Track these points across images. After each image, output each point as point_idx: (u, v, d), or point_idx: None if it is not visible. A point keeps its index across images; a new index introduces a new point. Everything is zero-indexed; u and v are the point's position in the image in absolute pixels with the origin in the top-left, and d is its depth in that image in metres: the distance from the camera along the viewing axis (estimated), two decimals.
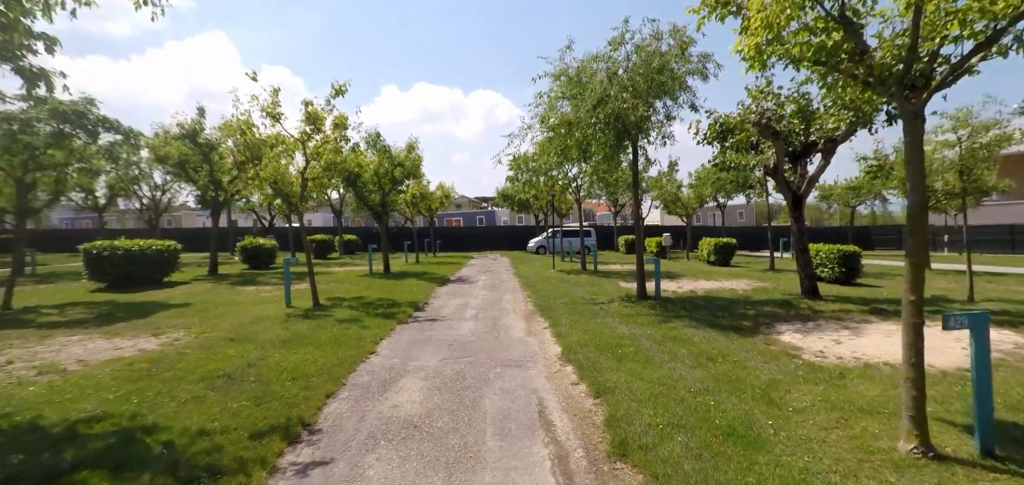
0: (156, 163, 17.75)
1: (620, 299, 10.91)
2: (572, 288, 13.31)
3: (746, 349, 6.59)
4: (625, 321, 8.54)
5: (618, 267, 20.77)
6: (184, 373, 5.61)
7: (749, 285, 13.74)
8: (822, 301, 10.24)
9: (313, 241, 27.04)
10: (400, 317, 9.28)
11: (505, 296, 12.28)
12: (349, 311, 9.85)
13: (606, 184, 19.44)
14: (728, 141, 11.13)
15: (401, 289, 13.39)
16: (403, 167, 16.87)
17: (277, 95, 9.67)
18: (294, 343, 7.12)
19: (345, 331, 7.95)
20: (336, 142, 10.71)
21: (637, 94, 9.15)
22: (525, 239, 37.01)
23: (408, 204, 24.35)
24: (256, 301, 11.21)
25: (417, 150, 17.22)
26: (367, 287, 13.87)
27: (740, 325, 8.28)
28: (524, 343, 7.29)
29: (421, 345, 7.25)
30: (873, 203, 31.52)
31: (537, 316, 9.43)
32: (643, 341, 7.02)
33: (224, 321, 8.82)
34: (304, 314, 9.53)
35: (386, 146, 16.49)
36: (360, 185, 17.08)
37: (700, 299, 11.10)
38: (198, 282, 14.96)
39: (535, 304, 10.75)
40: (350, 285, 14.35)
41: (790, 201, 10.48)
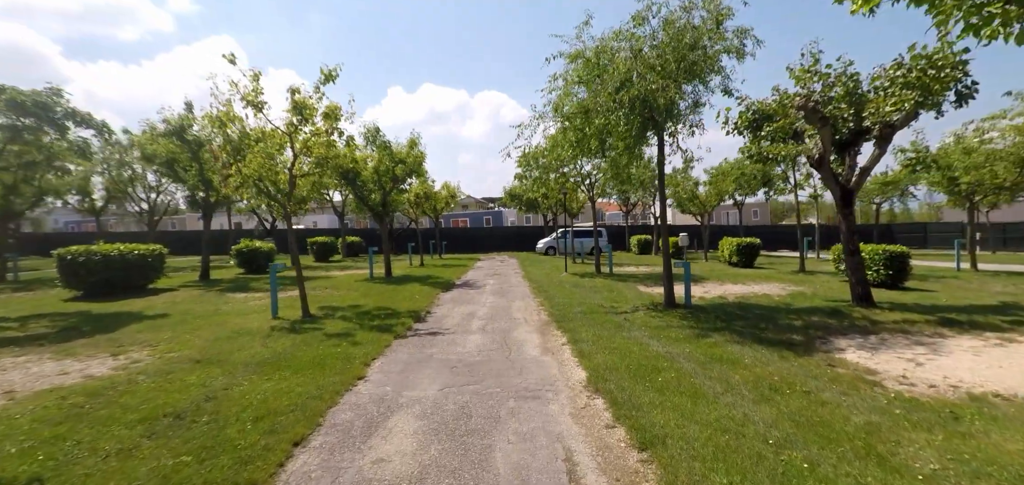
0: (143, 162, 16.82)
1: (645, 308, 9.74)
2: (588, 294, 12.16)
3: (811, 373, 5.41)
4: (656, 335, 7.39)
5: (633, 269, 19.58)
6: (124, 411, 4.55)
7: (783, 289, 12.51)
8: (877, 309, 9.01)
9: (315, 243, 26.11)
10: (398, 330, 8.20)
11: (515, 303, 11.16)
12: (341, 323, 8.79)
13: (621, 181, 18.26)
14: (764, 130, 9.91)
15: (402, 296, 12.32)
16: (405, 164, 15.81)
17: (259, 81, 8.63)
18: (271, 366, 6.05)
19: (333, 349, 6.88)
20: (327, 135, 9.66)
21: (666, 74, 7.99)
22: (533, 240, 35.88)
23: (411, 204, 23.30)
24: (241, 311, 10.18)
25: (420, 146, 16.16)
26: (365, 293, 12.81)
27: (790, 339, 7.10)
28: (540, 364, 6.17)
29: (419, 367, 6.15)
30: (896, 200, 29.99)
31: (553, 328, 8.30)
32: (684, 363, 5.86)
33: (199, 336, 7.78)
34: (290, 327, 8.48)
35: (386, 142, 15.46)
36: (359, 184, 16.04)
37: (734, 307, 9.90)
38: (187, 288, 14.00)
39: (549, 313, 9.62)
40: (347, 291, 13.31)
41: (838, 196, 9.25)
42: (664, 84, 7.81)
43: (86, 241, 25.01)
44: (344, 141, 10.22)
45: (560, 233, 30.87)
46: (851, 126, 9.17)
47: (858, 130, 9.17)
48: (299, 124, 9.25)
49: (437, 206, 28.67)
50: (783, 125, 9.47)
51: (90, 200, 27.70)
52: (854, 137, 9.38)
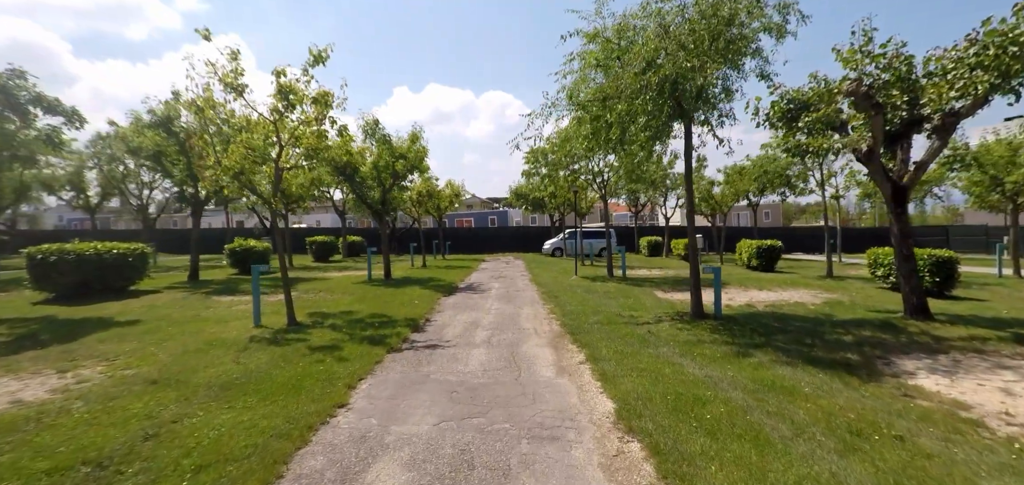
0: (129, 155, 15.97)
1: (670, 318, 8.73)
2: (603, 300, 11.16)
3: (891, 408, 4.40)
4: (688, 353, 6.38)
5: (647, 272, 18.54)
6: (34, 455, 3.61)
7: (815, 297, 11.45)
8: (935, 322, 7.96)
9: (314, 243, 25.24)
10: (392, 342, 7.24)
11: (523, 310, 10.18)
12: (330, 333, 7.84)
13: (635, 179, 17.25)
14: (802, 120, 8.87)
15: (400, 300, 11.37)
16: (406, 160, 14.87)
17: (238, 60, 7.69)
18: (237, 389, 5.10)
19: (314, 366, 5.93)
20: (318, 123, 8.73)
21: (700, 52, 6.98)
22: (539, 240, 34.89)
23: (413, 202, 22.38)
24: (223, 317, 9.26)
25: (422, 141, 15.22)
26: (361, 298, 11.88)
27: (846, 359, 6.09)
28: (557, 389, 5.19)
29: (413, 391, 5.19)
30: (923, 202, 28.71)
31: (567, 341, 7.32)
32: (731, 392, 4.86)
33: (166, 348, 6.86)
34: (272, 337, 7.54)
35: (386, 136, 14.53)
36: (358, 180, 15.12)
37: (768, 317, 8.88)
38: (172, 290, 13.12)
39: (562, 323, 8.63)
40: (342, 295, 12.38)
41: (889, 194, 8.21)
42: (699, 63, 6.80)
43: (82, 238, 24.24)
44: (337, 131, 9.27)
45: (567, 234, 29.87)
46: (904, 115, 8.12)
47: (911, 120, 8.12)
48: (285, 111, 8.31)
49: (441, 205, 27.74)
50: (824, 115, 8.42)
51: (85, 196, 27.05)
52: (906, 128, 8.33)
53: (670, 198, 29.87)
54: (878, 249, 12.90)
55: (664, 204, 30.20)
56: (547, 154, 16.18)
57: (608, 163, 16.23)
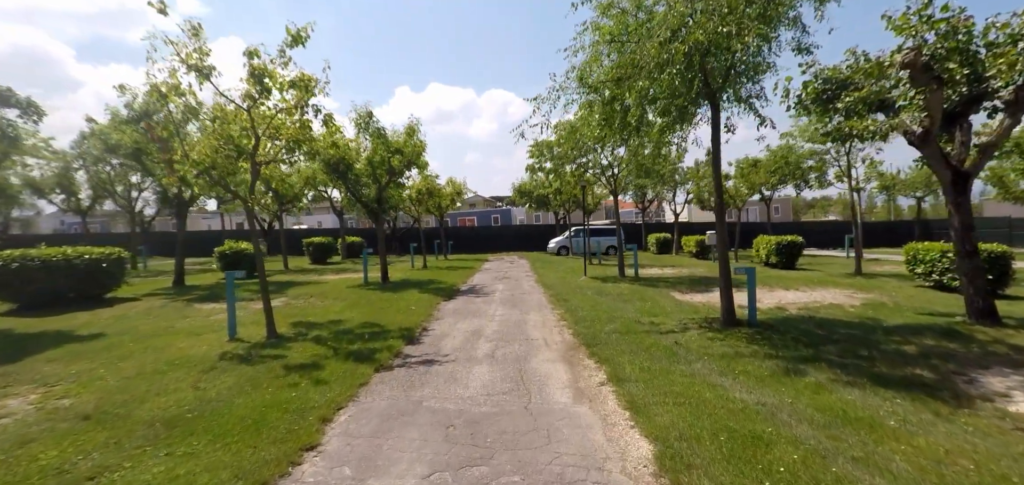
0: (107, 153, 15.09)
1: (698, 325, 7.74)
2: (617, 303, 10.19)
3: (1014, 451, 3.42)
4: (728, 370, 5.41)
5: (658, 271, 17.54)
6: None
7: (850, 297, 10.43)
8: (1007, 328, 6.94)
9: (311, 244, 24.35)
10: (382, 358, 6.30)
11: (530, 316, 9.22)
12: (312, 348, 6.90)
13: (645, 173, 16.25)
14: (842, 100, 7.85)
15: (396, 306, 10.43)
16: (402, 155, 13.92)
17: (201, 37, 6.75)
18: (185, 426, 4.17)
19: (285, 392, 5.00)
20: (300, 111, 7.79)
21: (737, 18, 5.98)
22: (544, 239, 33.90)
23: (413, 201, 21.44)
24: (197, 329, 8.35)
25: (419, 135, 14.26)
26: (353, 304, 10.95)
27: (918, 377, 5.10)
28: (576, 421, 4.23)
29: (401, 425, 4.25)
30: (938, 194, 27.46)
31: (583, 355, 6.35)
32: (795, 426, 3.89)
33: (120, 369, 5.95)
34: (246, 353, 6.62)
35: (380, 129, 13.58)
36: (352, 178, 14.19)
37: (808, 323, 7.88)
38: (153, 297, 12.24)
39: (575, 331, 7.67)
40: (334, 301, 11.46)
41: (948, 181, 7.18)
42: (736, 28, 5.80)
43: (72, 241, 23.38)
44: (321, 120, 8.33)
45: (573, 232, 28.89)
46: (964, 91, 7.10)
47: (972, 96, 7.10)
48: (260, 97, 7.37)
49: (442, 204, 26.82)
50: (869, 93, 7.39)
51: (76, 199, 26.26)
52: (965, 106, 7.31)
53: (679, 193, 28.84)
54: (916, 244, 11.86)
55: (673, 200, 29.17)
56: (552, 148, 15.22)
57: (617, 157, 15.24)
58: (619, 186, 15.68)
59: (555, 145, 14.96)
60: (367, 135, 13.62)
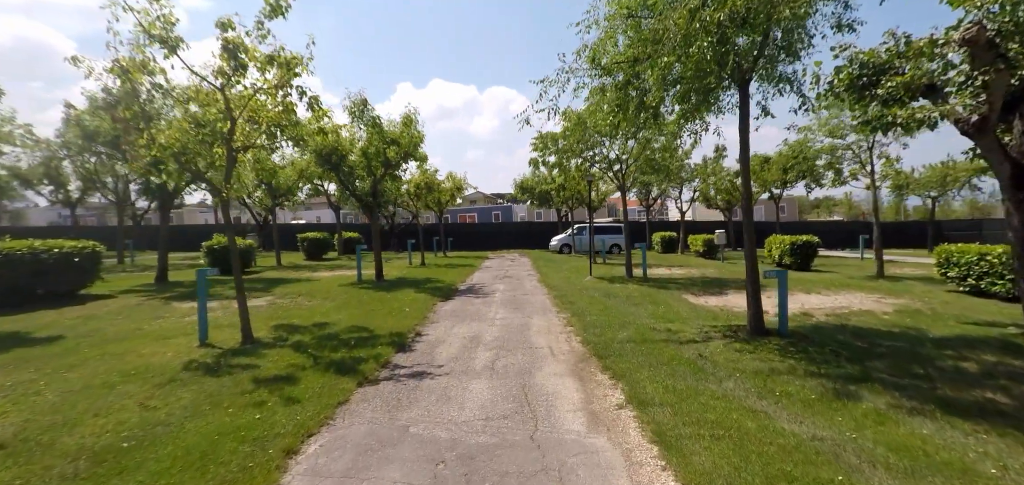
0: (87, 140, 14.31)
1: (720, 334, 6.97)
2: (627, 307, 9.42)
3: None
4: (767, 392, 4.64)
5: (666, 271, 16.77)
6: None
7: (879, 303, 9.66)
8: None
9: (305, 240, 23.58)
10: (366, 369, 5.55)
11: (534, 320, 8.46)
12: (290, 355, 6.15)
13: (654, 169, 15.46)
14: (883, 85, 7.05)
15: (389, 307, 9.68)
16: (398, 146, 13.13)
17: (166, 4, 5.95)
18: (115, 461, 3.42)
19: (248, 414, 4.24)
20: (282, 91, 7.01)
21: None
22: (546, 237, 33.12)
23: (411, 196, 20.67)
24: (167, 332, 7.60)
25: (417, 125, 13.46)
26: (343, 304, 10.19)
27: (991, 401, 4.34)
28: (592, 458, 3.47)
29: (380, 462, 3.49)
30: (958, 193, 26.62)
31: (595, 368, 5.60)
32: (874, 477, 3.12)
33: (66, 381, 5.19)
34: (214, 362, 5.87)
35: (375, 119, 12.80)
36: (345, 170, 13.42)
37: (841, 331, 7.11)
38: (130, 294, 11.49)
39: (584, 339, 6.91)
40: (322, 300, 10.70)
41: (1007, 175, 6.36)
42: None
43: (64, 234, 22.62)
44: (306, 104, 7.54)
45: (576, 229, 28.10)
46: None
47: None
48: (234, 74, 6.59)
49: (441, 199, 26.05)
50: (912, 78, 6.59)
51: (65, 190, 25.55)
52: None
53: (685, 191, 28.04)
54: (949, 246, 11.09)
55: (679, 197, 28.38)
56: (557, 140, 14.43)
57: (626, 150, 14.44)
58: (627, 181, 14.88)
59: (560, 138, 14.17)
60: (362, 125, 12.82)
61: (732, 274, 15.40)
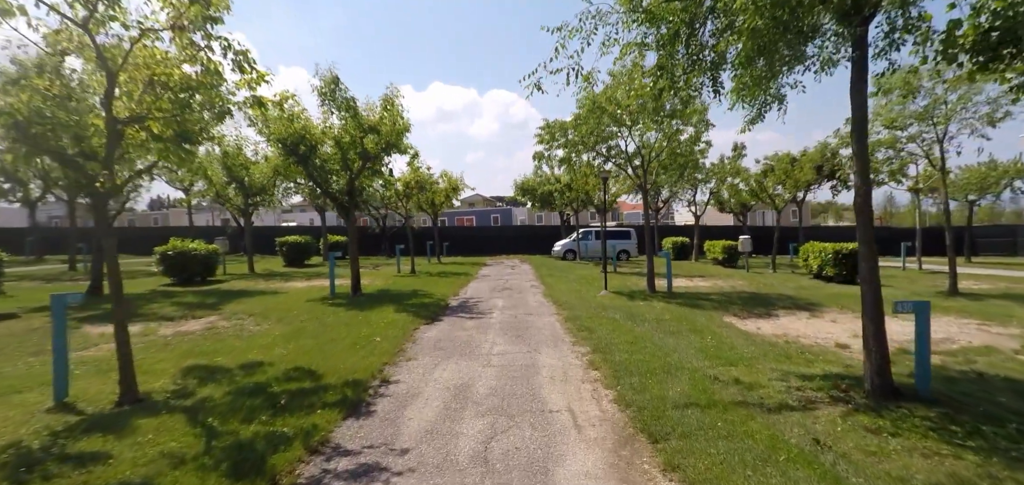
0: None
1: (824, 393, 4.80)
2: (663, 337, 7.27)
3: None
4: None
5: (688, 282, 14.64)
6: None
7: (987, 332, 7.52)
8: None
9: (284, 244, 21.39)
10: (283, 463, 3.41)
11: (544, 357, 6.32)
12: (174, 432, 3.99)
13: (681, 164, 13.33)
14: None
15: (356, 334, 7.53)
16: (377, 135, 10.98)
17: None
18: None
19: None
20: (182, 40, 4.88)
21: None
22: (548, 242, 30.98)
23: (400, 195, 18.51)
24: (23, 379, 5.42)
25: (401, 111, 11.29)
26: (299, 329, 8.03)
27: None
28: None
29: None
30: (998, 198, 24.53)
31: (650, 465, 3.45)
32: None
33: None
34: (44, 444, 3.71)
35: (350, 101, 10.64)
36: (315, 163, 11.27)
37: (983, 384, 4.97)
38: (44, 312, 9.31)
39: (618, 396, 4.77)
40: (274, 323, 8.55)
41: None
42: None
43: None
44: (232, 61, 5.37)
45: (580, 234, 25.97)
46: None
47: None
48: (106, 3, 4.45)
49: (435, 200, 23.91)
50: None
51: (24, 189, 23.39)
52: None
53: (700, 193, 25.92)
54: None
55: (693, 199, 26.28)
56: (566, 131, 12.32)
57: (647, 144, 12.31)
58: (649, 179, 12.72)
59: (570, 127, 12.06)
60: (333, 106, 10.66)
61: (769, 287, 13.26)
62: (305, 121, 10.73)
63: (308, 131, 10.79)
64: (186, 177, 20.50)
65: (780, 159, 17.73)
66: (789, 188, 17.19)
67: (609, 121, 11.66)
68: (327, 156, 11.76)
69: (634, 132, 11.69)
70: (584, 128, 11.66)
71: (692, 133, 12.29)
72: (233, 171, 16.87)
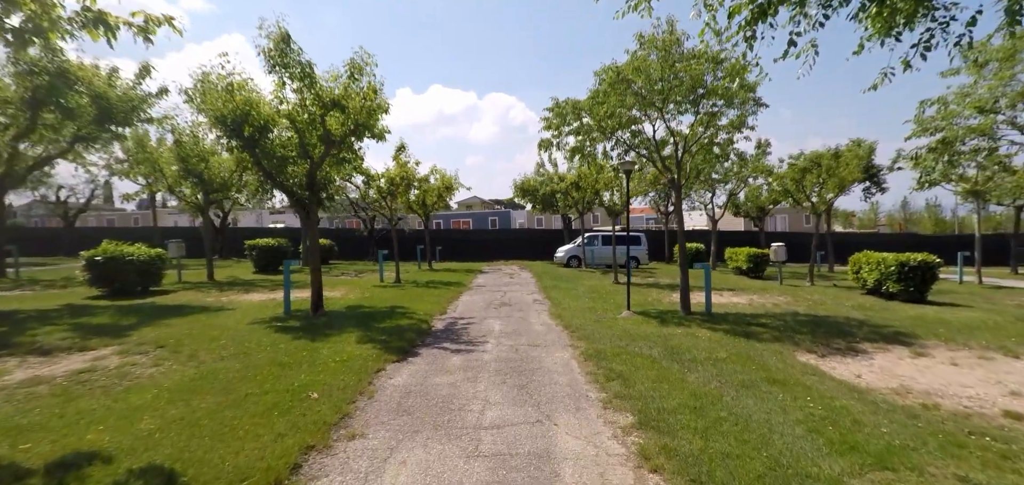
0: None
1: None
2: (744, 397, 4.96)
3: None
4: None
5: (718, 298, 12.31)
6: None
7: None
8: None
9: (254, 247, 18.96)
10: None
11: (560, 438, 3.99)
12: None
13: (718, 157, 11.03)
14: None
15: (287, 384, 5.18)
16: (342, 112, 8.65)
17: None
18: None
19: None
20: None
21: None
22: (549, 246, 28.65)
23: (382, 193, 16.15)
24: None
25: (374, 83, 8.94)
26: (213, 371, 5.66)
27: None
28: None
29: None
30: None
31: None
32: None
33: None
34: None
35: (306, 66, 8.26)
36: (265, 147, 8.92)
37: None
38: None
39: None
40: (184, 363, 6.18)
41: None
42: None
43: None
44: None
45: (586, 239, 23.65)
46: None
47: None
48: None
49: (426, 200, 21.56)
50: None
51: None
52: None
53: (719, 195, 23.66)
54: None
55: (711, 202, 24.02)
56: (580, 113, 10.01)
57: (677, 132, 10.00)
58: (684, 173, 10.35)
59: (585, 107, 9.76)
60: (285, 73, 8.30)
61: (823, 306, 10.93)
62: (248, 94, 8.38)
63: (254, 107, 8.44)
64: (132, 170, 18.10)
65: (822, 154, 15.44)
66: (832, 187, 14.89)
67: (634, 101, 9.38)
68: (281, 141, 9.42)
69: (666, 113, 9.37)
70: (603, 108, 9.36)
71: (734, 117, 9.98)
72: (188, 163, 14.49)
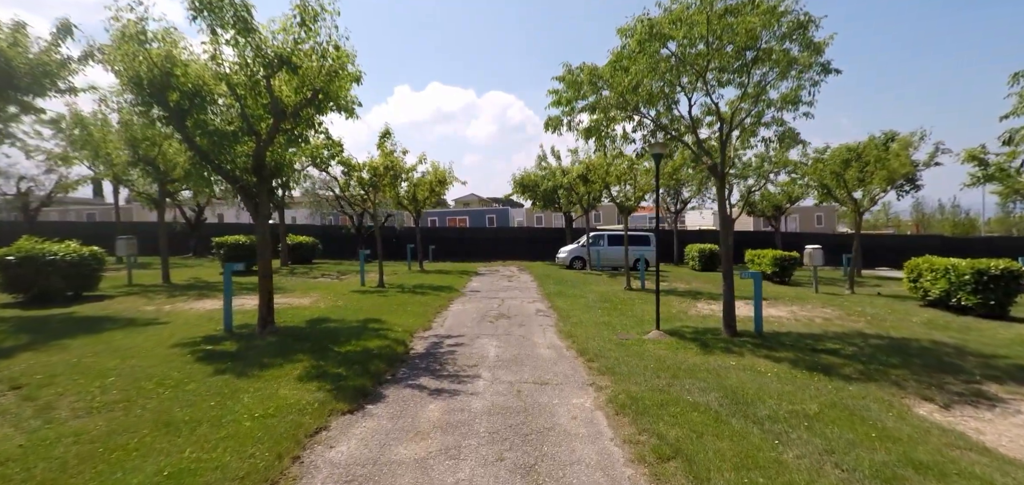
0: None
1: None
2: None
3: None
4: None
5: (749, 311, 10.39)
6: None
7: None
8: None
9: (222, 246, 16.97)
10: None
11: None
12: None
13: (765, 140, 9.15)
14: None
15: (185, 448, 3.25)
16: (296, 74, 6.70)
17: None
18: None
19: None
20: None
21: None
22: (550, 246, 26.74)
23: (364, 185, 14.18)
24: None
25: (335, 37, 6.96)
26: (42, 444, 3.73)
27: None
28: None
29: None
30: None
31: None
32: None
33: None
34: None
35: (245, 16, 6.31)
36: (198, 120, 6.96)
37: None
38: None
39: None
40: (46, 415, 4.23)
41: None
42: None
43: None
44: None
45: (591, 238, 21.76)
46: None
47: None
48: None
49: (417, 195, 19.65)
50: None
51: None
52: None
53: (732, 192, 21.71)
54: None
55: (727, 198, 22.07)
56: (598, 84, 8.10)
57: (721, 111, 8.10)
58: (727, 161, 8.43)
59: (604, 76, 7.86)
60: (217, 22, 6.34)
61: (884, 323, 9.05)
62: (169, 49, 6.41)
63: (178, 65, 6.47)
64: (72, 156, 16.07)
65: (868, 146, 13.55)
66: (880, 182, 13.01)
67: (667, 67, 7.47)
68: (227, 117, 7.45)
69: (708, 83, 7.45)
70: (628, 78, 7.42)
71: (785, 91, 8.09)
72: (138, 148, 12.51)
